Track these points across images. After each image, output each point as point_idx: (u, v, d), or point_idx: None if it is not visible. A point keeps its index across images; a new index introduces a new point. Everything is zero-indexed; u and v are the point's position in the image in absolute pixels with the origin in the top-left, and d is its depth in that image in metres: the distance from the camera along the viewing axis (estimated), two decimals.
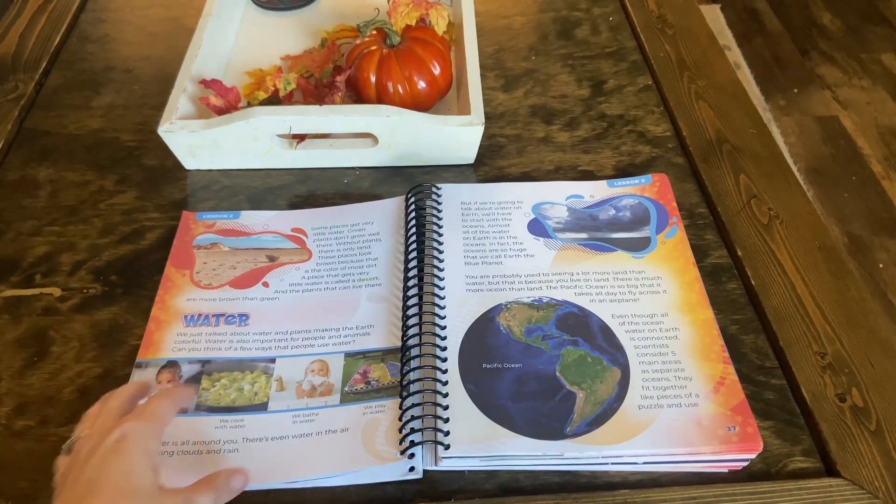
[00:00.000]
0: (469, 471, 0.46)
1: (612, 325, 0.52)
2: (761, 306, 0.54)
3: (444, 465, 0.46)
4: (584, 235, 0.58)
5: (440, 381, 0.48)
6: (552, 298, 0.54)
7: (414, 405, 0.47)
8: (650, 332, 0.51)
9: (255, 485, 0.44)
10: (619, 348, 0.50)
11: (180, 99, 0.63)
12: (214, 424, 0.47)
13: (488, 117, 0.68)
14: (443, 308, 0.53)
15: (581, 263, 0.56)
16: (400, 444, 0.45)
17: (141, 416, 0.40)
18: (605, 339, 0.51)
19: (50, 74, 0.75)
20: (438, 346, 0.50)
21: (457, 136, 0.62)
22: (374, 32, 0.66)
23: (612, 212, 0.60)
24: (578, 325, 0.52)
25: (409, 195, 0.61)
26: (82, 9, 0.83)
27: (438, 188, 0.62)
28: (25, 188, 0.64)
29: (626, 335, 0.51)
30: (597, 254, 0.57)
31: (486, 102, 0.71)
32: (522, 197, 0.62)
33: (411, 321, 0.51)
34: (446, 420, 0.46)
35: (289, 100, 0.66)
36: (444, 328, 0.51)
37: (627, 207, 0.61)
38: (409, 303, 0.52)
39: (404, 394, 0.47)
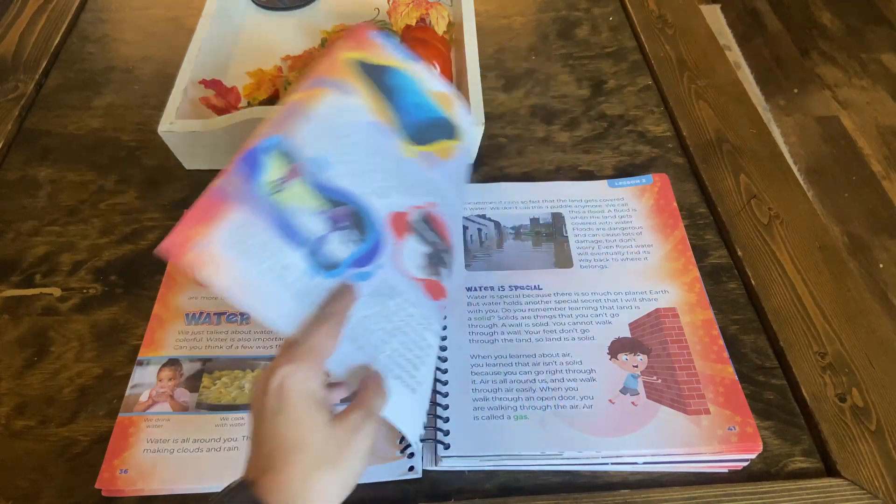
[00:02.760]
0: (469, 471, 0.46)
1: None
2: (761, 306, 0.54)
3: (444, 465, 0.46)
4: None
5: (440, 381, 0.48)
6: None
7: None
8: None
9: None
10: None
11: (180, 99, 0.63)
12: (215, 422, 0.47)
13: (488, 117, 0.68)
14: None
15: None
16: (400, 443, 0.45)
17: (294, 355, 0.36)
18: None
19: (50, 74, 0.75)
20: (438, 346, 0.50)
21: None
22: None
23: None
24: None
25: None
26: (82, 9, 0.83)
27: None
28: (25, 188, 0.64)
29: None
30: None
31: (486, 102, 0.71)
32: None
33: None
34: (446, 420, 0.46)
35: None
36: (443, 328, 0.51)
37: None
38: None
39: None
